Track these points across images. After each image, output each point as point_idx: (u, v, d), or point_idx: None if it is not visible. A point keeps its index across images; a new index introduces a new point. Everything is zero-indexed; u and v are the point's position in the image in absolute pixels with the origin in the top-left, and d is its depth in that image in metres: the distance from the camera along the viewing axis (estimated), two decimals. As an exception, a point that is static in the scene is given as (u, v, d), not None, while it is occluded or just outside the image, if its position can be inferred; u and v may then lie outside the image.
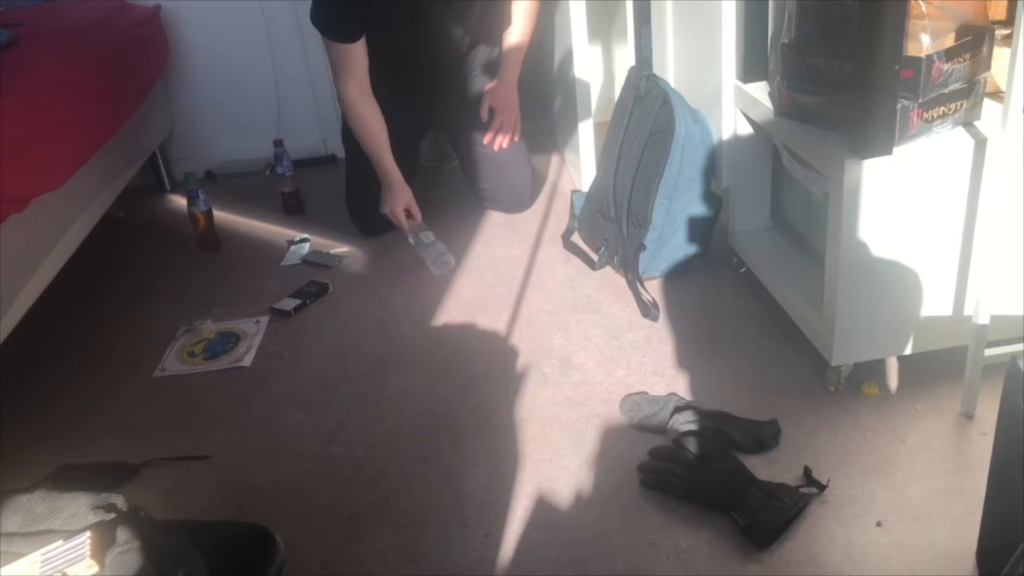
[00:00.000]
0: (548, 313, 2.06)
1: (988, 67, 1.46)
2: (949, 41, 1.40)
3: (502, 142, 2.48)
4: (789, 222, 1.98)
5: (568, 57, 2.44)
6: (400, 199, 2.33)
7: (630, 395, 1.71)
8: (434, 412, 1.76)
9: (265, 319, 2.17)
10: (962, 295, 1.57)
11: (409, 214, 2.35)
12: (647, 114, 2.07)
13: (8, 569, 0.87)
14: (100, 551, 0.88)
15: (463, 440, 1.67)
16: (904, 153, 1.44)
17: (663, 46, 2.27)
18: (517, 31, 2.46)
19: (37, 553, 0.89)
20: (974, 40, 1.41)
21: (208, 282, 2.41)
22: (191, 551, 0.88)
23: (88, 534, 0.89)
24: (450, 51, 2.45)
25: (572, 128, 2.56)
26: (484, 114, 2.47)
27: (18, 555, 0.89)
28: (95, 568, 0.87)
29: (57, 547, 0.89)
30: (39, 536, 0.92)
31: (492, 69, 2.55)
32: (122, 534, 0.88)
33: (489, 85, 2.49)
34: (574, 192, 2.46)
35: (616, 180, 2.16)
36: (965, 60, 1.41)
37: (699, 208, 2.07)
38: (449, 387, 1.83)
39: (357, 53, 2.26)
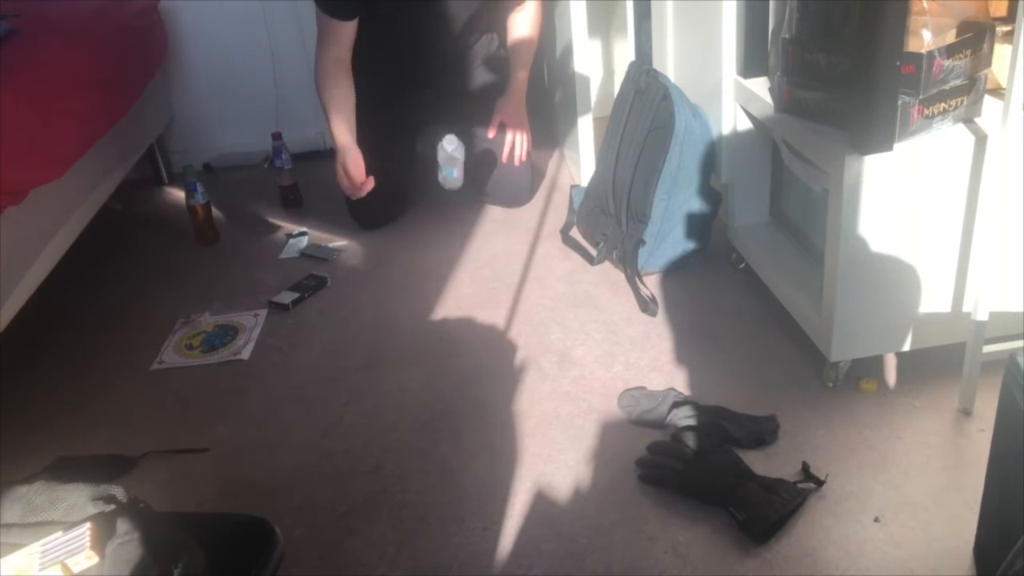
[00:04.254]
0: (546, 308, 2.06)
1: (989, 64, 1.46)
2: (950, 37, 1.40)
3: (515, 157, 2.46)
4: (788, 218, 1.98)
5: (568, 52, 2.44)
6: (351, 160, 2.25)
7: (628, 390, 1.71)
8: (432, 406, 1.76)
9: (263, 312, 2.16)
10: (961, 292, 1.58)
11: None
12: (647, 109, 2.06)
13: (8, 560, 0.87)
14: (100, 542, 0.88)
15: (461, 434, 1.67)
16: (904, 149, 1.44)
17: (663, 41, 2.27)
18: (522, 43, 2.45)
19: (36, 544, 0.88)
20: (975, 37, 1.41)
21: (206, 275, 2.41)
22: (191, 542, 0.88)
23: (88, 525, 0.89)
24: (452, 44, 2.45)
25: (572, 123, 2.56)
26: (493, 132, 2.43)
27: (17, 546, 0.89)
28: (95, 559, 0.87)
29: (57, 538, 0.88)
30: (39, 527, 0.92)
31: (493, 64, 2.55)
32: (122, 525, 0.88)
33: (499, 100, 2.46)
34: (573, 187, 2.46)
35: (615, 175, 2.16)
36: (966, 56, 1.41)
37: (698, 203, 2.07)
38: (447, 381, 1.83)
39: (347, 30, 2.28)
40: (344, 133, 2.29)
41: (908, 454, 1.50)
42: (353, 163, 2.25)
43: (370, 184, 2.26)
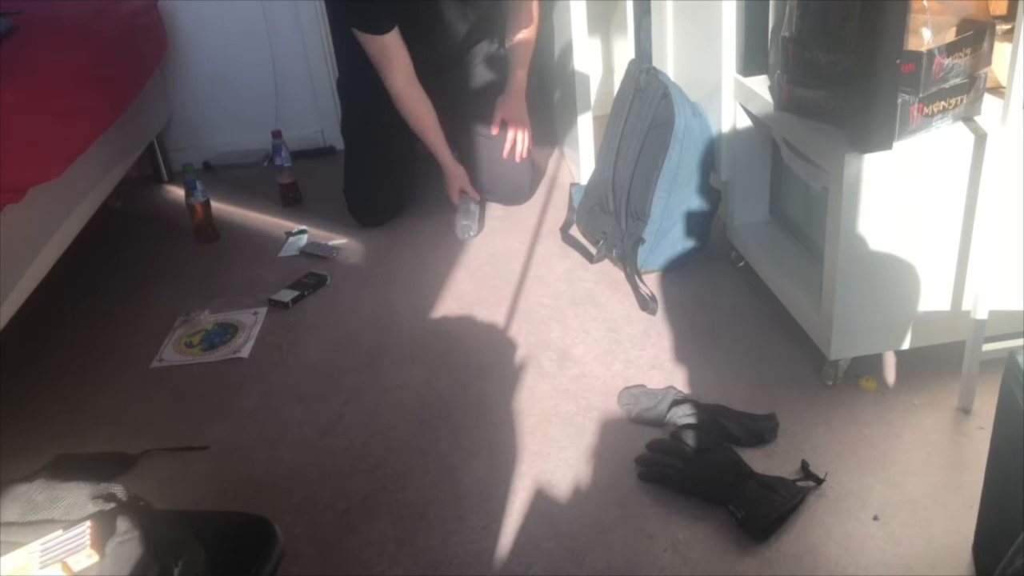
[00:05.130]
0: (546, 306, 2.06)
1: (989, 62, 1.46)
2: (950, 36, 1.40)
3: (516, 154, 2.50)
4: (788, 216, 1.98)
5: (568, 50, 2.43)
6: (455, 182, 2.50)
7: (628, 388, 1.71)
8: (432, 404, 1.76)
9: (263, 310, 2.16)
10: (960, 290, 1.58)
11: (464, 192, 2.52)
12: (647, 107, 2.06)
13: (8, 559, 0.87)
14: (100, 541, 0.88)
15: (461, 432, 1.67)
16: (904, 148, 1.44)
17: (663, 39, 2.27)
18: (520, 43, 2.48)
19: (37, 543, 0.88)
20: (975, 35, 1.41)
21: (206, 273, 2.41)
22: (191, 541, 0.88)
23: (88, 524, 0.89)
24: (453, 43, 2.45)
25: (571, 121, 2.56)
26: (496, 130, 2.49)
27: (17, 544, 0.89)
28: (95, 558, 0.87)
29: (57, 537, 0.88)
30: (38, 526, 0.92)
31: (494, 63, 2.55)
32: (122, 524, 0.88)
33: (499, 98, 2.49)
34: (573, 185, 2.46)
35: (615, 173, 2.16)
36: (966, 55, 1.41)
37: (698, 202, 2.07)
38: (447, 379, 1.83)
39: (395, 43, 2.32)
40: (450, 158, 2.51)
41: (907, 452, 1.51)
42: (459, 182, 2.51)
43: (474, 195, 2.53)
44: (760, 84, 1.79)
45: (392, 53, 2.32)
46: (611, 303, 2.04)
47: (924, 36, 1.38)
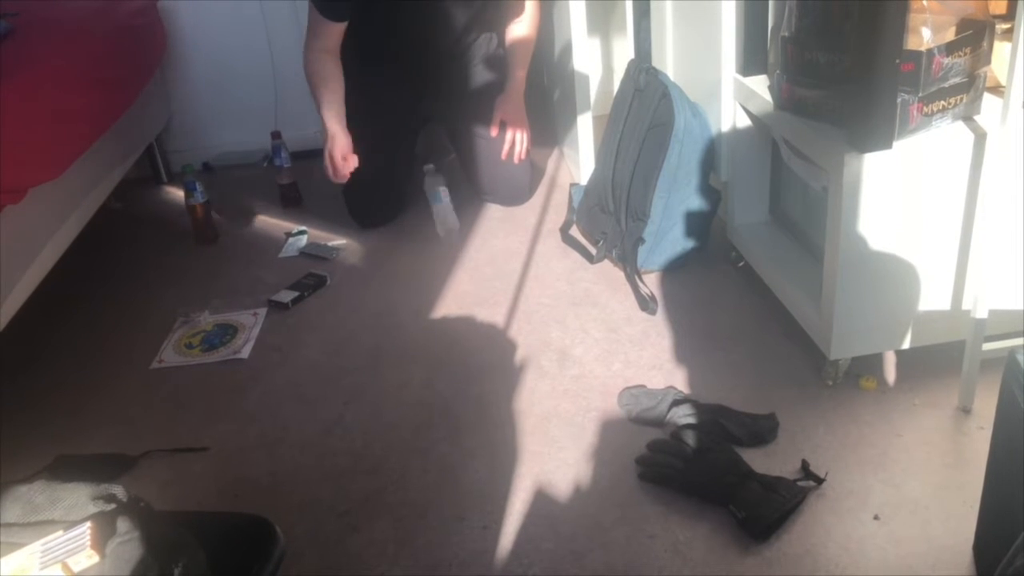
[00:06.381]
0: (546, 306, 2.06)
1: (988, 61, 1.46)
2: (950, 35, 1.40)
3: (515, 155, 2.49)
4: (788, 216, 1.98)
5: (567, 50, 2.43)
6: (339, 145, 2.30)
7: (628, 388, 1.71)
8: (432, 405, 1.76)
9: (263, 311, 2.16)
10: (960, 289, 1.58)
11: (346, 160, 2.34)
12: (646, 107, 2.06)
13: (8, 559, 0.87)
14: (100, 541, 0.88)
15: (461, 433, 1.67)
16: (904, 147, 1.44)
17: (662, 39, 2.27)
18: (520, 41, 2.47)
19: (37, 543, 0.88)
20: (975, 34, 1.41)
21: (205, 274, 2.41)
22: (191, 542, 0.88)
23: (88, 524, 0.89)
24: (452, 43, 2.45)
25: (571, 121, 2.56)
26: (495, 131, 2.47)
27: (18, 545, 0.89)
28: (95, 558, 0.87)
29: (57, 537, 0.88)
30: (39, 526, 0.92)
31: (493, 63, 2.55)
32: (122, 524, 0.88)
33: (498, 98, 2.49)
34: (572, 185, 2.46)
35: (615, 173, 2.16)
36: (966, 54, 1.41)
37: (697, 202, 2.07)
38: (447, 380, 1.83)
39: (337, 29, 2.30)
40: (333, 119, 2.32)
41: (908, 452, 1.51)
42: (340, 148, 2.29)
43: (352, 164, 2.30)
44: (760, 84, 1.79)
45: (327, 34, 2.30)
46: (611, 303, 2.04)
47: (924, 35, 1.38)
